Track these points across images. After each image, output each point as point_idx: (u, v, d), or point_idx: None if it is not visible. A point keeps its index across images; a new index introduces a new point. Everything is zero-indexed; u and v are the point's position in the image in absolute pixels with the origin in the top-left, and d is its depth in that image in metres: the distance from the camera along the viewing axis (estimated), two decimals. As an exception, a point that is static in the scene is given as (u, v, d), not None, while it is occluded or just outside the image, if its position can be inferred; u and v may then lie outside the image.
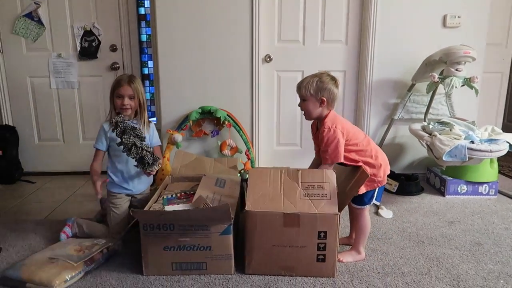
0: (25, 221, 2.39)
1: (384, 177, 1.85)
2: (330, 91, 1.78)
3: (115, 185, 2.09)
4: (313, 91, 1.79)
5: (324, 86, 1.78)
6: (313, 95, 1.80)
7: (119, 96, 2.01)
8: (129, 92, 2.01)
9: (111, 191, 2.10)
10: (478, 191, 2.75)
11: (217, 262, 1.76)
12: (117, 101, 2.02)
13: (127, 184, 2.10)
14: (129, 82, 2.01)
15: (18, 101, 3.25)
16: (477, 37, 2.99)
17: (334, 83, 1.80)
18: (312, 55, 3.09)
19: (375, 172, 1.81)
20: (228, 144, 2.92)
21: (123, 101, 2.01)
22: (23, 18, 3.10)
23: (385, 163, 1.86)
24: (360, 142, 1.82)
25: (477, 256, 1.94)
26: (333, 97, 1.80)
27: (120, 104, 2.01)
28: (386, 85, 3.07)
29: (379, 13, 2.93)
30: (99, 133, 2.05)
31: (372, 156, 1.82)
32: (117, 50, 3.21)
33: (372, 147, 1.85)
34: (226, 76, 2.97)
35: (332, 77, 1.82)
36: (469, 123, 2.71)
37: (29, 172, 3.31)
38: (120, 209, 2.09)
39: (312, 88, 1.79)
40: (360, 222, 1.89)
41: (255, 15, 2.87)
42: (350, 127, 1.84)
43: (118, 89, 2.00)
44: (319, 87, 1.78)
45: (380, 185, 1.84)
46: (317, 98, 1.80)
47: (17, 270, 1.71)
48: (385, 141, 3.09)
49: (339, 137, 1.75)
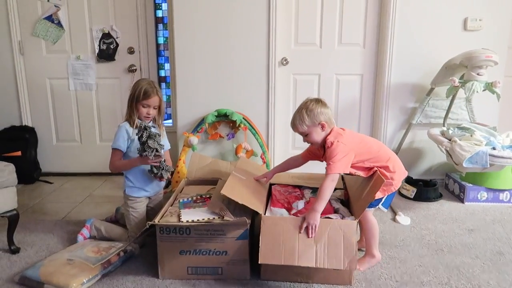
0: (43, 221, 2.43)
1: (399, 181, 1.82)
2: (323, 113, 1.79)
3: (134, 189, 2.10)
4: (309, 123, 1.79)
5: (315, 112, 1.78)
6: (311, 126, 1.80)
7: (146, 106, 2.04)
8: (156, 103, 2.06)
9: (131, 195, 2.10)
10: (499, 199, 2.69)
11: (233, 267, 1.75)
12: (143, 110, 2.04)
13: (147, 186, 2.12)
14: (157, 92, 2.05)
15: (37, 102, 3.30)
16: (498, 40, 2.92)
17: (321, 105, 1.80)
18: (329, 58, 3.06)
19: (392, 176, 1.79)
20: (244, 147, 2.91)
21: (149, 110, 2.05)
22: (43, 21, 3.15)
23: (399, 166, 1.83)
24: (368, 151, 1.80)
25: (499, 266, 1.89)
26: (329, 117, 1.80)
27: (146, 113, 2.05)
28: (404, 89, 3.03)
29: (398, 15, 2.89)
30: (120, 134, 2.04)
31: (385, 160, 1.80)
32: (135, 52, 3.24)
33: (384, 152, 1.83)
34: (243, 79, 2.97)
35: (316, 100, 1.82)
36: (490, 129, 2.65)
37: (47, 172, 3.36)
38: (140, 212, 2.11)
39: (306, 120, 1.79)
40: (365, 225, 1.86)
41: (272, 18, 2.86)
42: (357, 140, 1.82)
43: (146, 99, 2.02)
44: (312, 115, 1.78)
45: (395, 189, 1.81)
46: (316, 126, 1.80)
47: (36, 270, 1.74)
48: (403, 146, 3.04)
49: (342, 149, 1.73)
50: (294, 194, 2.05)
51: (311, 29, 3.02)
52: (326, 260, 1.60)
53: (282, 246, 1.63)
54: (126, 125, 2.06)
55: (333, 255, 1.61)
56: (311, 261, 1.60)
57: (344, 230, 1.65)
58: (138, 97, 2.02)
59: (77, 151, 3.39)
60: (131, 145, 2.05)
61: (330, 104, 3.11)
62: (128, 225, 2.12)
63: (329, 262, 1.60)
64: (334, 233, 1.65)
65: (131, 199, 2.10)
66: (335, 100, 3.16)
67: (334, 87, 3.13)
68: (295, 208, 1.88)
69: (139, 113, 2.05)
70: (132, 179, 2.09)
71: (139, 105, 2.03)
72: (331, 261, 1.60)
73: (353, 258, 1.60)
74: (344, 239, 1.63)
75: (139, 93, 2.02)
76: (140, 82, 2.07)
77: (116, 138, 2.05)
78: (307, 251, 1.61)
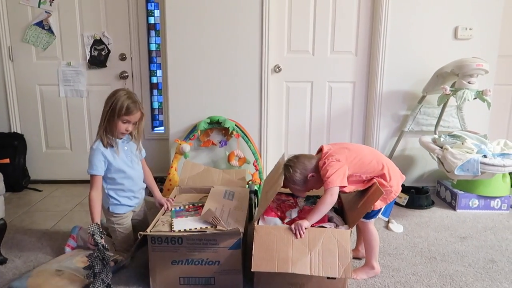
0: (32, 230, 2.38)
1: (398, 187, 1.80)
2: (307, 167, 1.80)
3: (119, 206, 1.99)
4: (301, 181, 1.81)
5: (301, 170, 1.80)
6: (305, 181, 1.82)
7: (126, 121, 1.89)
8: (137, 118, 1.92)
9: (116, 213, 1.99)
10: (490, 206, 2.70)
11: (226, 277, 1.73)
12: (122, 125, 1.89)
13: (131, 201, 2.03)
14: (139, 107, 1.90)
15: (27, 109, 3.25)
16: (488, 49, 2.96)
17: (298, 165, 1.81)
18: (321, 65, 3.07)
19: (390, 183, 1.77)
20: (236, 154, 2.90)
21: (128, 127, 1.91)
22: (33, 27, 3.11)
23: (394, 172, 1.82)
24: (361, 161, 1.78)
25: (491, 274, 1.90)
26: (312, 165, 1.81)
27: (125, 130, 1.90)
28: (396, 96, 3.05)
29: (390, 24, 2.92)
30: (94, 157, 1.88)
31: (380, 168, 1.78)
32: (126, 59, 3.22)
33: (376, 161, 1.80)
34: (235, 86, 2.96)
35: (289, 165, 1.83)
36: (481, 137, 2.67)
37: (36, 180, 3.30)
38: (127, 227, 2.03)
39: (299, 180, 1.81)
40: (366, 236, 1.86)
41: (265, 25, 2.86)
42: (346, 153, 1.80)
43: (128, 115, 1.87)
44: (300, 174, 1.80)
45: (396, 196, 1.80)
46: (308, 179, 1.81)
47: (24, 282, 1.70)
48: (395, 153, 3.05)
49: (334, 164, 1.73)
50: (287, 202, 2.03)
51: (303, 36, 3.03)
52: (321, 268, 1.59)
53: (275, 254, 1.61)
54: (100, 146, 1.89)
55: (327, 263, 1.60)
56: (306, 269, 1.58)
57: (338, 239, 1.64)
58: (119, 112, 1.85)
59: (67, 159, 3.35)
60: (111, 166, 1.92)
61: (322, 112, 3.16)
62: (114, 240, 2.04)
63: (324, 270, 1.59)
64: (328, 241, 1.63)
65: (116, 216, 2.00)
66: (328, 107, 3.16)
67: (326, 95, 3.14)
68: (289, 216, 1.87)
69: (117, 129, 1.89)
70: (116, 197, 1.98)
71: (119, 121, 1.87)
72: (325, 269, 1.59)
73: (348, 266, 1.59)
74: (338, 247, 1.62)
75: (121, 108, 1.85)
76: (119, 95, 1.88)
77: (92, 163, 1.88)
78: (301, 259, 1.60)
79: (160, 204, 2.06)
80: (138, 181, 2.06)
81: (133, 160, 2.02)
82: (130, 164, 2.00)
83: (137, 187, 2.06)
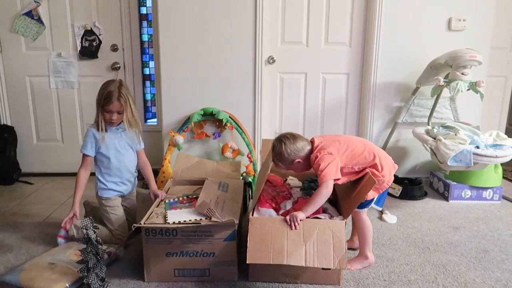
0: (23, 223, 2.35)
1: (390, 176, 1.80)
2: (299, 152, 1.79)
3: (106, 190, 2.05)
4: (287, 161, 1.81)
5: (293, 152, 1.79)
6: (290, 162, 1.82)
7: (109, 111, 1.95)
8: (118, 108, 1.95)
9: (104, 196, 2.06)
10: (482, 196, 2.73)
11: (221, 269, 1.73)
12: (106, 115, 1.97)
13: (119, 186, 2.09)
14: (119, 97, 1.93)
15: (16, 100, 3.20)
16: (482, 40, 2.96)
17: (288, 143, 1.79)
18: (315, 57, 3.06)
19: (382, 173, 1.77)
20: (230, 146, 2.88)
21: (112, 116, 1.96)
22: (22, 17, 3.05)
23: (386, 161, 1.81)
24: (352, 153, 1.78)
25: (484, 264, 1.92)
26: (301, 148, 1.80)
27: (110, 119, 1.97)
28: (390, 88, 3.05)
29: (384, 15, 2.90)
30: (87, 139, 2.00)
31: (372, 159, 1.77)
32: (118, 50, 3.17)
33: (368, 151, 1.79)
34: (229, 77, 2.94)
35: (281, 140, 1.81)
36: (473, 128, 2.68)
37: (27, 173, 3.26)
38: (118, 210, 2.08)
39: (285, 159, 1.81)
40: (359, 226, 1.86)
41: (258, 16, 2.83)
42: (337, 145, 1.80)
43: (107, 105, 1.93)
44: (288, 155, 1.80)
45: (388, 185, 1.80)
46: (294, 163, 1.82)
47: (16, 275, 1.67)
48: (388, 145, 3.06)
49: (326, 158, 1.73)
50: (282, 194, 2.03)
51: (297, 27, 3.01)
52: (316, 259, 1.59)
53: (270, 246, 1.61)
54: (93, 129, 2.00)
55: (322, 254, 1.60)
56: (301, 260, 1.58)
57: (333, 230, 1.64)
58: (100, 102, 1.95)
59: (58, 151, 3.31)
60: (101, 149, 2.01)
61: (316, 103, 3.15)
62: (110, 226, 2.06)
63: (319, 261, 1.59)
64: (323, 232, 1.64)
65: (105, 199, 2.06)
66: (322, 99, 3.16)
67: (320, 86, 3.13)
68: (283, 208, 1.87)
69: (105, 119, 1.98)
70: (103, 181, 2.05)
71: (103, 110, 1.96)
72: (320, 260, 1.59)
73: (343, 257, 1.59)
74: (333, 238, 1.62)
75: (101, 97, 1.94)
76: (105, 85, 1.98)
77: (85, 143, 2.01)
78: (296, 251, 1.60)
79: (154, 195, 2.06)
80: (126, 169, 2.09)
81: (126, 148, 2.08)
82: (121, 151, 2.05)
83: (125, 175, 2.09)
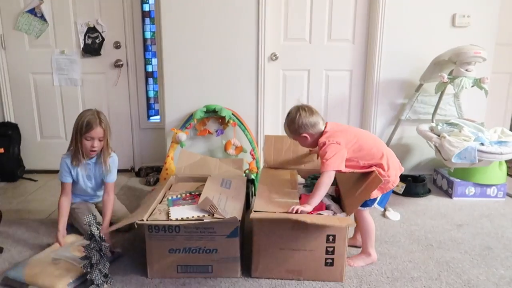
0: (27, 220, 2.37)
1: (396, 178, 1.80)
2: (304, 125, 1.80)
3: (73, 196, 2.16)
4: (295, 131, 1.84)
5: (296, 125, 1.81)
6: (296, 137, 1.86)
7: (90, 138, 1.95)
8: (100, 134, 1.96)
9: None
10: (486, 194, 2.71)
11: (223, 265, 1.73)
12: (86, 143, 1.95)
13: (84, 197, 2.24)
14: (100, 122, 1.94)
15: (20, 98, 3.21)
16: (486, 36, 2.94)
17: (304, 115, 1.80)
18: (318, 53, 3.05)
19: (387, 173, 1.77)
20: (233, 143, 2.88)
21: (93, 143, 1.96)
22: (26, 14, 3.06)
23: (393, 163, 1.81)
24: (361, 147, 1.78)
25: (488, 261, 1.91)
26: (313, 124, 1.81)
27: (91, 147, 1.96)
28: (393, 85, 3.03)
29: (387, 12, 2.88)
30: (62, 168, 2.05)
31: (379, 157, 1.77)
32: (121, 47, 3.17)
33: (377, 149, 1.79)
34: (232, 74, 2.93)
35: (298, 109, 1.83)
36: (478, 125, 2.67)
37: (31, 169, 3.28)
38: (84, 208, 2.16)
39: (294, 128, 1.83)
40: (361, 224, 1.86)
41: (261, 13, 2.82)
42: (350, 137, 1.80)
43: (88, 132, 1.93)
44: (293, 128, 1.83)
45: (393, 186, 1.80)
46: (300, 136, 1.84)
47: (20, 271, 1.68)
48: (392, 142, 3.04)
49: (334, 148, 1.73)
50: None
51: (300, 24, 3.00)
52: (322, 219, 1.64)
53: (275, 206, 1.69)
54: (67, 159, 2.03)
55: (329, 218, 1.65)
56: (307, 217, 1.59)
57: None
58: (81, 130, 1.94)
59: (62, 148, 3.21)
60: (76, 177, 2.08)
61: (320, 100, 3.14)
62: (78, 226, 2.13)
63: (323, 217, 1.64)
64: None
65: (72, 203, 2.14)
66: (325, 95, 3.14)
67: (323, 83, 3.12)
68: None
69: (84, 148, 1.97)
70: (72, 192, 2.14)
71: (83, 139, 1.95)
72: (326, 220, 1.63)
73: None
74: None
75: (81, 125, 1.93)
76: (82, 114, 1.99)
77: (60, 172, 2.06)
78: None
79: None
80: (92, 190, 2.20)
81: (94, 181, 2.15)
82: (88, 184, 2.15)
83: (92, 199, 2.25)
